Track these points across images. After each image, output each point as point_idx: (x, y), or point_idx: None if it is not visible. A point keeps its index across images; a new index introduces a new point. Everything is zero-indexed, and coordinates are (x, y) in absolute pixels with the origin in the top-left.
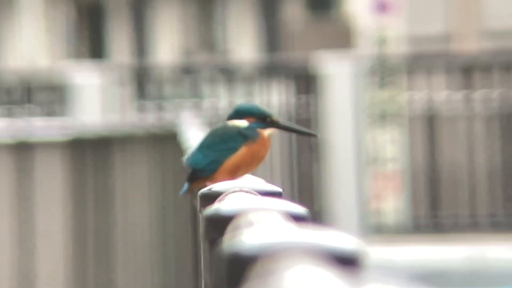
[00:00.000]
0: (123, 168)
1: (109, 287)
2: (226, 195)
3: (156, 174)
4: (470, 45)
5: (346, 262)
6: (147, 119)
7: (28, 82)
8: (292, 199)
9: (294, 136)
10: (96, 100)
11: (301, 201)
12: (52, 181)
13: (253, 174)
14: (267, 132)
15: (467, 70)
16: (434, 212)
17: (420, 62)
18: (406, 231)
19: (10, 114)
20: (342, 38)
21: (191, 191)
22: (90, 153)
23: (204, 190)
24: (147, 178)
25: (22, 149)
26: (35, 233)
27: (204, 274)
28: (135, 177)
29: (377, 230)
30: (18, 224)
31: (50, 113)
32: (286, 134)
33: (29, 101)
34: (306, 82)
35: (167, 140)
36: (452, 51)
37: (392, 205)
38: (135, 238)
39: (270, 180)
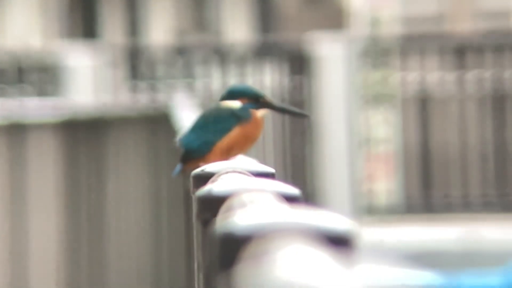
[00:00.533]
0: (116, 149)
1: (102, 266)
2: (219, 175)
3: (149, 155)
4: (464, 26)
5: (338, 242)
6: (140, 100)
7: (20, 62)
8: (284, 180)
9: (287, 117)
10: (88, 80)
11: (293, 182)
12: (44, 163)
13: (246, 154)
14: (260, 113)
15: (460, 51)
16: (427, 192)
17: (413, 43)
18: (398, 212)
19: (1, 94)
20: (336, 19)
21: (184, 172)
22: (83, 134)
23: (197, 171)
24: (140, 159)
25: (14, 131)
26: (28, 215)
27: (197, 254)
28: (128, 158)
29: (369, 211)
30: (10, 207)
31: (42, 93)
32: (279, 115)
33: (21, 81)
34: (299, 63)
35: (160, 121)
36: (445, 32)
37: (385, 186)
38: (128, 219)
39: (263, 161)
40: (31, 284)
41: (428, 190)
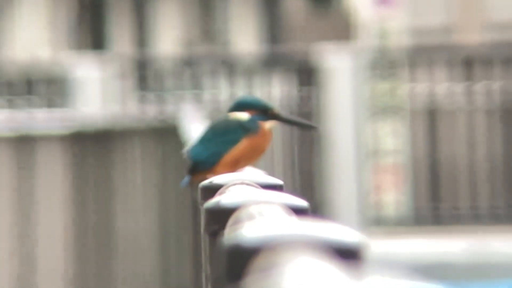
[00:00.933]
0: (124, 161)
1: (109, 278)
2: (227, 187)
3: (157, 167)
4: (472, 37)
5: (347, 255)
6: (148, 111)
7: (29, 73)
8: (292, 191)
9: (295, 128)
10: (97, 91)
11: (301, 193)
12: (52, 175)
13: (254, 166)
14: (268, 124)
15: (469, 63)
16: (435, 204)
17: (421, 55)
18: (406, 224)
19: (10, 106)
20: (343, 30)
21: (192, 184)
22: (91, 146)
23: (205, 182)
24: (148, 170)
25: (23, 143)
26: (36, 227)
27: (205, 266)
28: (136, 170)
29: (378, 222)
30: (18, 218)
31: (51, 105)
32: (287, 127)
33: (29, 92)
34: (307, 75)
35: (168, 132)
36: (453, 43)
37: (393, 197)
38: (136, 231)
39: (271, 173)
40: None
41: (436, 202)
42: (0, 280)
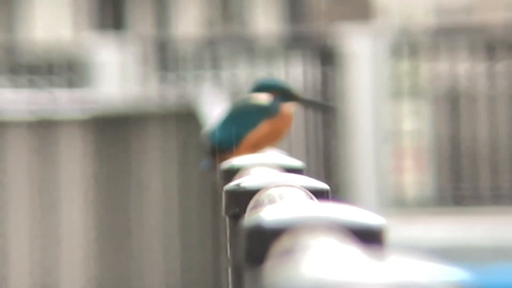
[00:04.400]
0: (144, 145)
1: (129, 260)
2: (248, 169)
3: (177, 149)
4: (495, 17)
5: (369, 238)
6: (168, 92)
7: (49, 54)
8: (313, 173)
9: (315, 110)
10: (117, 72)
11: (322, 175)
12: (73, 158)
13: (275, 148)
14: (288, 107)
15: (491, 44)
16: (457, 185)
17: (443, 36)
18: (427, 205)
19: (31, 85)
20: (364, 11)
21: (213, 166)
22: (111, 130)
23: (226, 165)
24: (168, 152)
25: (43, 127)
26: (57, 214)
27: (226, 249)
28: (156, 154)
29: (398, 204)
30: (39, 206)
31: (71, 85)
32: (307, 109)
33: (50, 73)
34: (327, 56)
35: (188, 115)
36: (476, 24)
37: (414, 179)
38: (157, 214)
39: (291, 154)
40: (61, 277)
41: (458, 183)
42: (21, 264)
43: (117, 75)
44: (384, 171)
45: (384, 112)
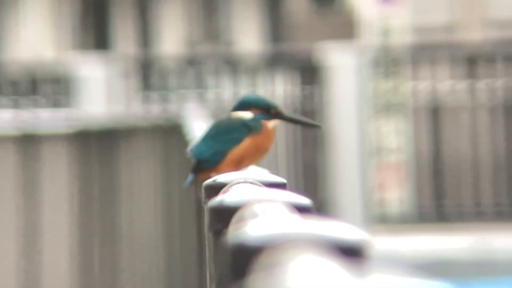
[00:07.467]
0: (128, 159)
1: (114, 274)
2: (231, 186)
3: (161, 166)
4: (475, 35)
5: (351, 253)
6: (151, 110)
7: (33, 73)
8: (296, 189)
9: (298, 127)
10: (101, 91)
11: (305, 191)
12: (58, 173)
13: (258, 165)
14: (271, 123)
15: (471, 60)
16: (439, 202)
17: (424, 52)
18: (410, 221)
19: (15, 105)
20: (346, 29)
21: (196, 182)
22: (95, 144)
23: (209, 181)
24: (152, 169)
25: (28, 141)
26: (41, 226)
27: (209, 265)
28: (140, 169)
29: (381, 220)
30: (24, 217)
31: (55, 104)
32: (290, 125)
33: (34, 92)
34: (310, 73)
35: (172, 131)
36: (456, 41)
37: (397, 195)
38: (141, 229)
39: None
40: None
41: (440, 199)
42: (6, 278)
43: (101, 94)
44: (368, 187)
45: (367, 129)
